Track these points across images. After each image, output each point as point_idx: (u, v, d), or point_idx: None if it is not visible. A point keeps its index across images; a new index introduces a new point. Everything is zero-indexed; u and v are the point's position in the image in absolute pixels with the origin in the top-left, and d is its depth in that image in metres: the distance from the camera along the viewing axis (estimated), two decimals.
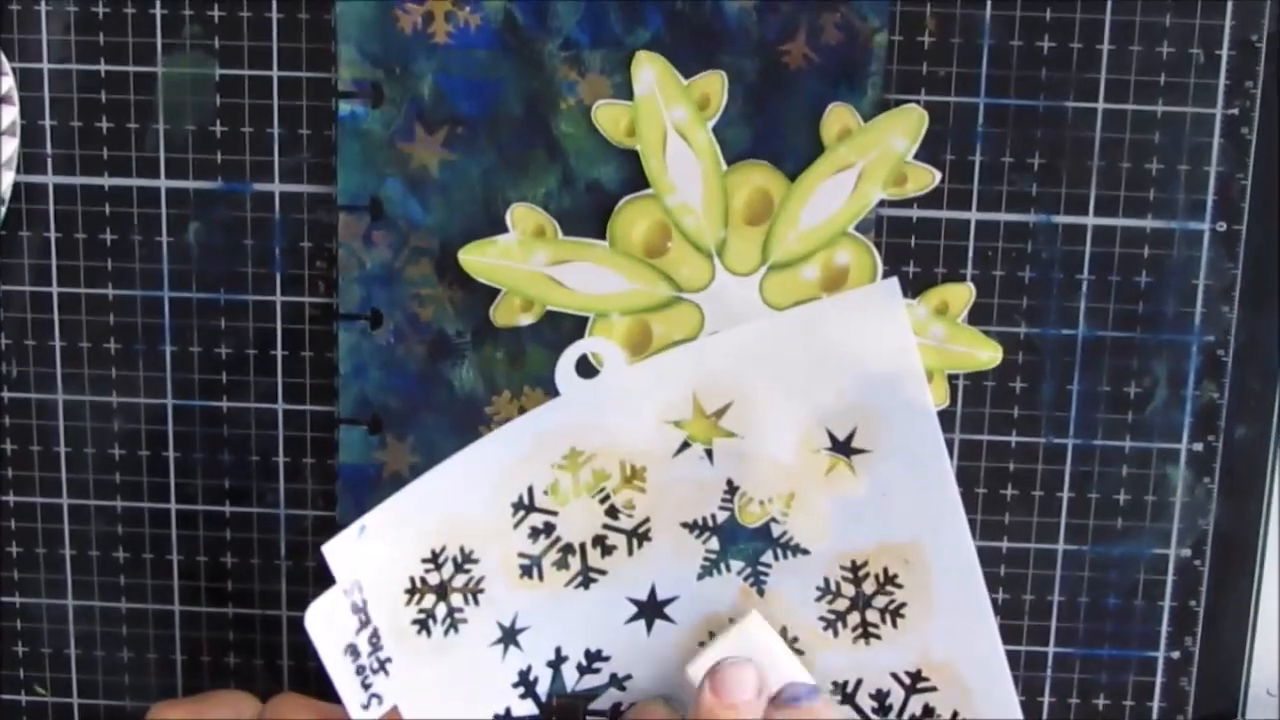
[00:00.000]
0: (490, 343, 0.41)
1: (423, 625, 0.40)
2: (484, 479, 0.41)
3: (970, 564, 0.41)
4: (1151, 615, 0.42)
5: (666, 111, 0.39)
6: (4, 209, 0.40)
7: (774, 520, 0.41)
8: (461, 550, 0.41)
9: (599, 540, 0.41)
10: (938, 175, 0.40)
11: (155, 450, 0.42)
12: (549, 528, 0.41)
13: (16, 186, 0.41)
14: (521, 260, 0.40)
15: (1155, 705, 0.43)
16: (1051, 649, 0.42)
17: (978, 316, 0.41)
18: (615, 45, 0.39)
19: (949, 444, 0.41)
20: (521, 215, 0.40)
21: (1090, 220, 0.40)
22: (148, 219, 0.41)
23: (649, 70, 0.39)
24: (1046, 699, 0.43)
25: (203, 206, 0.41)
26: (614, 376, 0.40)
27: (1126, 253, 0.40)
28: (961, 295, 0.40)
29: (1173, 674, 0.43)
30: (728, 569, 0.42)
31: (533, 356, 0.41)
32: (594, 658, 0.42)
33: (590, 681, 0.42)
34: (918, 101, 0.40)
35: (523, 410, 0.41)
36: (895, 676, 0.42)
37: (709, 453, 0.41)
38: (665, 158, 0.40)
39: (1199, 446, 0.41)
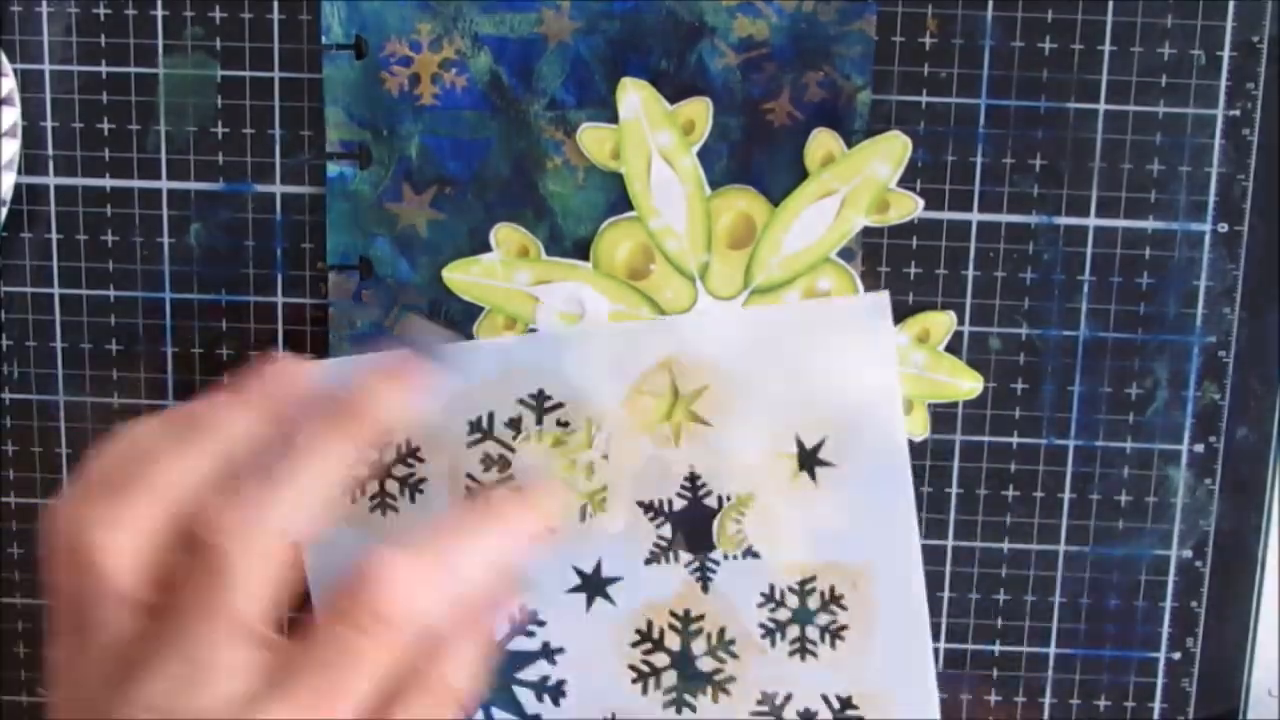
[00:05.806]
0: None
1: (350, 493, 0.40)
2: (445, 387, 0.40)
3: (918, 601, 0.41)
4: (1153, 616, 0.42)
5: (651, 136, 0.39)
6: (5, 210, 0.40)
7: (731, 519, 0.41)
8: (408, 444, 0.41)
9: None
10: (921, 203, 0.40)
11: None
12: (503, 461, 0.41)
13: (18, 188, 0.41)
14: (504, 279, 0.40)
15: (1156, 706, 0.43)
16: (1053, 650, 0.42)
17: (980, 317, 0.41)
18: (600, 105, 0.39)
19: (950, 445, 0.41)
20: (505, 235, 0.40)
21: (1091, 221, 0.40)
22: (149, 220, 0.41)
23: (634, 95, 0.39)
24: (1048, 700, 0.43)
25: (204, 208, 0.41)
26: (591, 327, 0.40)
27: (1128, 254, 0.40)
28: (943, 324, 0.40)
29: (1174, 675, 0.43)
30: (676, 559, 0.41)
31: None
32: (530, 619, 0.41)
33: (523, 644, 0.42)
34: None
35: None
36: (825, 699, 0.42)
37: (676, 434, 0.41)
38: (649, 181, 0.40)
39: (1200, 448, 0.41)
